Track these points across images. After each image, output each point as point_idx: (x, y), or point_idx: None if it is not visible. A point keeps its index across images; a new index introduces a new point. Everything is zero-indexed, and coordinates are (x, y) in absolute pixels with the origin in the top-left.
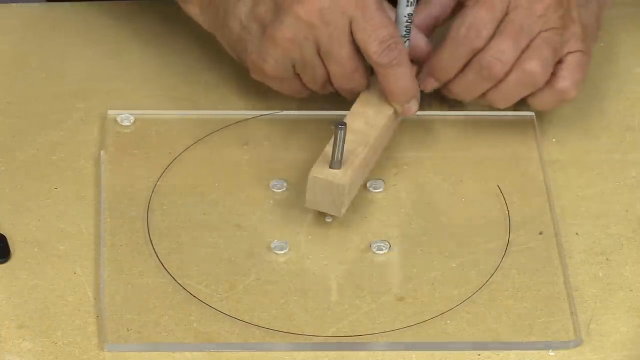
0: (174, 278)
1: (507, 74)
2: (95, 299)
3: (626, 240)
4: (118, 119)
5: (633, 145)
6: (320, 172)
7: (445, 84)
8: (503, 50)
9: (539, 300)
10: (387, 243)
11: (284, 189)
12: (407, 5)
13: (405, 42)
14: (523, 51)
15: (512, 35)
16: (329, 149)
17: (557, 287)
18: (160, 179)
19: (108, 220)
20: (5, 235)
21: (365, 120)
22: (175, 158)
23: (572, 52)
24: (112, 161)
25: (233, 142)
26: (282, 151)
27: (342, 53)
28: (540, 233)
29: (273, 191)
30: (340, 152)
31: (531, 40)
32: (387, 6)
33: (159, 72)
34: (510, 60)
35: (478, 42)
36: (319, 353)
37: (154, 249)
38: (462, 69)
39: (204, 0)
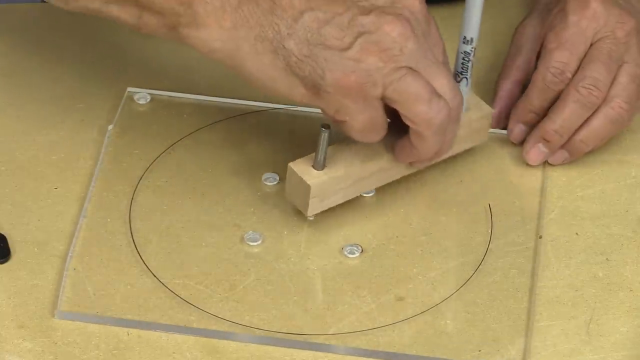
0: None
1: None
2: (94, 294)
3: (626, 240)
4: (135, 97)
5: (633, 146)
6: (298, 166)
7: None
8: (597, 78)
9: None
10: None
11: (276, 182)
12: (463, 43)
13: (460, 80)
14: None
15: (602, 61)
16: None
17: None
18: (155, 162)
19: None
20: (5, 235)
21: (385, 146)
22: (173, 144)
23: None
24: (116, 136)
25: (235, 133)
26: (288, 145)
27: None
28: (540, 237)
29: (264, 184)
30: (323, 154)
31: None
32: None
33: (159, 72)
34: (606, 85)
35: (564, 85)
36: (319, 353)
37: (131, 234)
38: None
39: (227, 24)
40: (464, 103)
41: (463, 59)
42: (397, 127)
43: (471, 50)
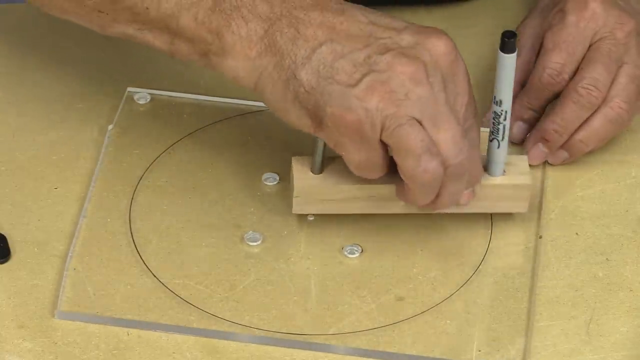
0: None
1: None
2: (94, 294)
3: (626, 240)
4: (135, 97)
5: (633, 146)
6: (298, 162)
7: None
8: (597, 78)
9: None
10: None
11: (275, 182)
12: (494, 104)
13: (492, 140)
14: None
15: (602, 62)
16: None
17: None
18: (155, 162)
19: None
20: (5, 235)
21: (389, 176)
22: (173, 144)
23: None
24: (117, 136)
25: (234, 133)
26: (288, 145)
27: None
28: (540, 237)
29: (264, 184)
30: (319, 159)
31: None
32: None
33: (159, 72)
34: (605, 86)
35: (560, 87)
36: (319, 353)
37: (131, 234)
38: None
39: (253, 53)
40: (498, 164)
41: (494, 119)
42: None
43: (501, 113)
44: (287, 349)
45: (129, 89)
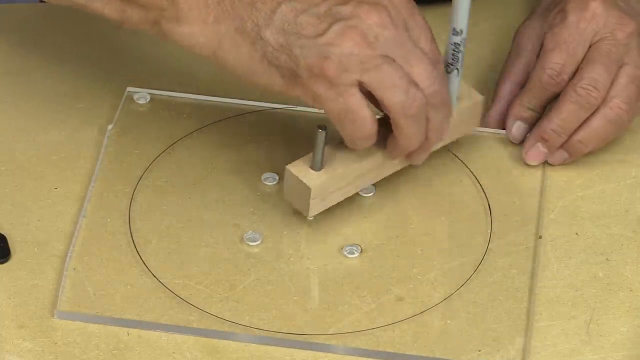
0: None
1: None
2: (94, 294)
3: (626, 240)
4: (135, 97)
5: (633, 146)
6: (296, 168)
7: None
8: (596, 78)
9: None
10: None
11: (275, 182)
12: (453, 35)
13: (451, 70)
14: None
15: (602, 62)
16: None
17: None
18: (154, 162)
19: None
20: (5, 235)
21: (378, 142)
22: (173, 144)
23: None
24: (117, 136)
25: (234, 133)
26: (288, 145)
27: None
28: (540, 237)
29: (264, 184)
30: (320, 154)
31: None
32: None
33: (159, 72)
34: (605, 87)
35: (560, 87)
36: (319, 353)
37: (131, 234)
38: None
39: (210, 19)
40: (456, 93)
41: (453, 50)
42: (390, 125)
43: (461, 42)
44: (287, 349)
45: (129, 89)
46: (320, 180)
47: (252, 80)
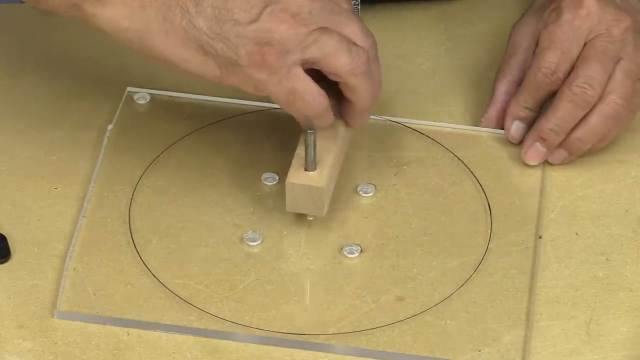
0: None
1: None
2: (94, 294)
3: (626, 240)
4: (135, 97)
5: (633, 146)
6: (297, 177)
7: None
8: (592, 76)
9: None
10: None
11: (275, 182)
12: None
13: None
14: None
15: (597, 60)
16: (300, 151)
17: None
18: (154, 162)
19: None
20: (5, 235)
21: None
22: (171, 145)
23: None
24: (117, 136)
25: (234, 133)
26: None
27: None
28: (540, 237)
29: (264, 184)
30: (312, 153)
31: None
32: None
33: (159, 72)
34: (601, 84)
35: (556, 86)
36: (319, 353)
37: (131, 234)
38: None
39: (134, 3)
40: None
41: None
42: (338, 96)
43: None
44: (287, 349)
45: (129, 89)
46: (323, 177)
47: (185, 69)
